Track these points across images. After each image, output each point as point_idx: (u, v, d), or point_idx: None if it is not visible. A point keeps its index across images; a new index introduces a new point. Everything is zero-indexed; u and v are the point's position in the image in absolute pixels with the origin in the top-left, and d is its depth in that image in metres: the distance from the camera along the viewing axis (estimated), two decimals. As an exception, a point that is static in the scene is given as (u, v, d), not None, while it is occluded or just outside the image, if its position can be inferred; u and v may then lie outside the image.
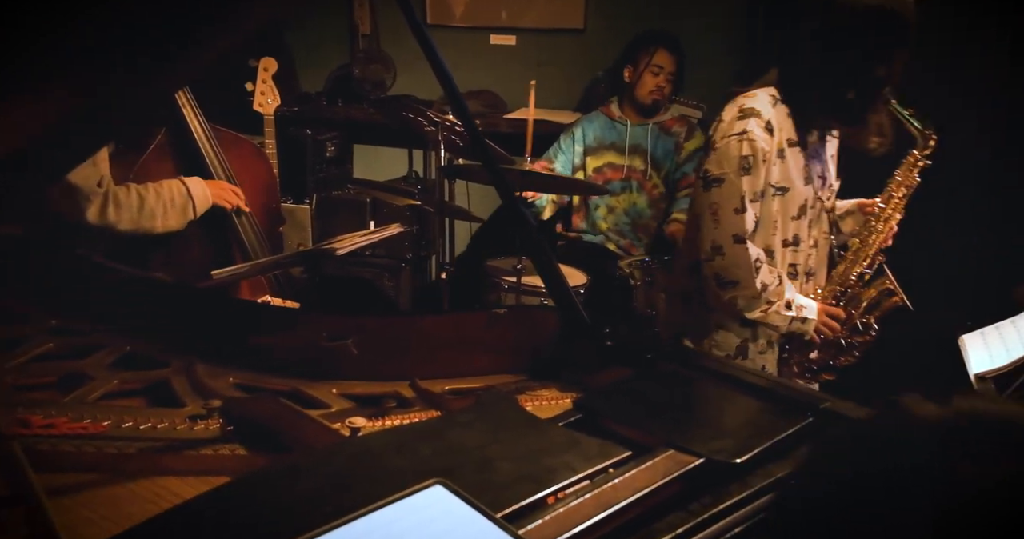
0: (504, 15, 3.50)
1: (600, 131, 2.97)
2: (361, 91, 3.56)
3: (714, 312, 1.82)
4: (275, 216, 2.31)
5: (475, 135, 1.29)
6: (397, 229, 1.85)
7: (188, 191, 1.92)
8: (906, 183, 1.80)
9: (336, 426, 1.12)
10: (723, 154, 1.67)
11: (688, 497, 0.97)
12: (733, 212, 1.68)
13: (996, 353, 1.67)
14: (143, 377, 1.31)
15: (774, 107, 1.69)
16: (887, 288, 1.82)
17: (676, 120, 2.94)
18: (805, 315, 1.76)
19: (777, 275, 1.76)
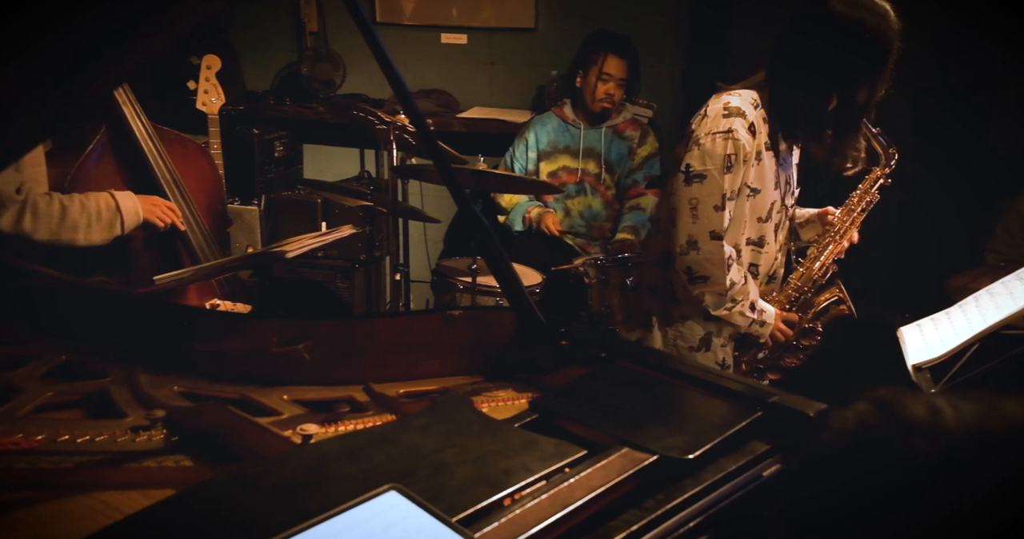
0: (455, 14, 3.48)
1: (554, 134, 2.98)
2: (310, 90, 3.50)
3: (680, 304, 1.84)
4: (222, 218, 2.25)
5: (426, 135, 1.27)
6: (349, 231, 1.81)
7: (117, 205, 1.84)
8: (866, 198, 1.85)
9: (287, 433, 1.09)
10: (708, 151, 1.67)
11: (643, 494, 0.98)
12: (713, 209, 1.69)
13: (932, 344, 1.74)
14: (80, 388, 1.26)
15: (756, 109, 1.71)
16: (837, 296, 1.88)
17: (629, 124, 2.96)
18: (764, 319, 1.81)
19: (744, 275, 1.79)
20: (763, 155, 1.73)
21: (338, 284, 3.15)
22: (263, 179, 3.28)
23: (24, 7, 0.73)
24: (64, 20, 0.75)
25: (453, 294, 2.61)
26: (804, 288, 1.90)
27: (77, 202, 1.78)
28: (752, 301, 1.78)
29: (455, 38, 3.50)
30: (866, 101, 1.66)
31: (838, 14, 1.59)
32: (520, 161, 3.00)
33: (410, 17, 3.54)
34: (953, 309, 1.83)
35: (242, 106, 3.44)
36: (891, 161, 1.82)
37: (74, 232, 1.77)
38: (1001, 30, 2.81)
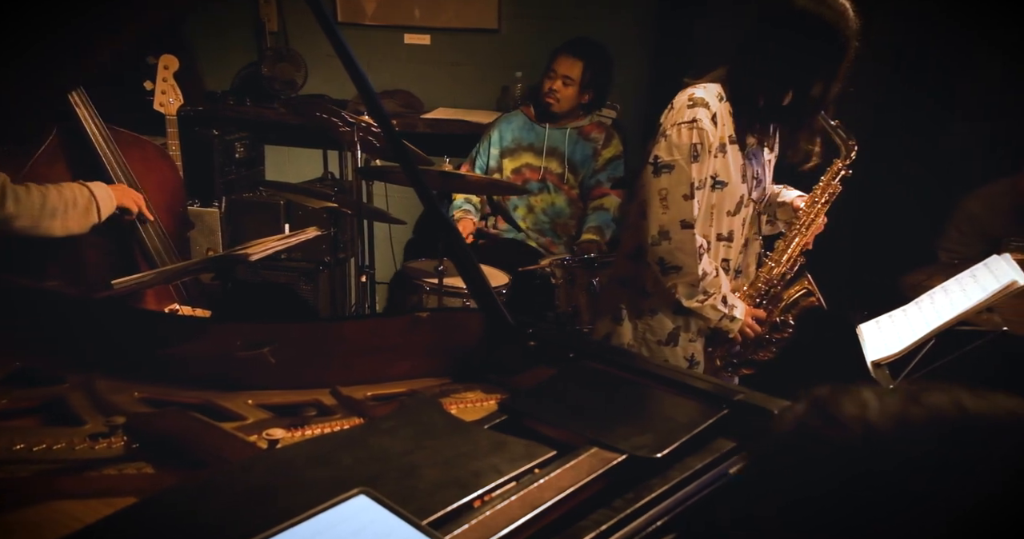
0: (417, 14, 3.46)
1: (519, 132, 2.99)
2: (271, 90, 3.45)
3: (650, 297, 1.85)
4: (182, 220, 2.20)
5: (392, 136, 1.26)
6: (314, 233, 1.79)
7: (91, 193, 1.80)
8: (829, 190, 1.89)
9: (252, 438, 1.08)
10: (674, 141, 1.69)
11: (612, 493, 0.99)
12: (682, 198, 1.71)
13: (890, 340, 1.79)
14: (36, 394, 1.22)
15: (720, 102, 1.73)
16: (806, 289, 1.92)
17: (594, 126, 2.98)
18: (735, 314, 1.83)
19: (715, 267, 1.81)
20: (727, 147, 1.75)
21: (302, 286, 3.11)
22: (223, 180, 3.22)
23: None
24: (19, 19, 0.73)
25: (420, 296, 2.60)
26: (773, 281, 1.92)
27: (53, 191, 1.74)
28: (724, 295, 1.80)
29: (418, 39, 3.49)
30: (821, 96, 1.70)
31: (799, 9, 1.62)
32: (483, 157, 3.01)
33: (372, 17, 3.51)
34: (909, 306, 1.89)
35: (201, 107, 3.38)
36: (851, 153, 1.85)
37: (52, 220, 1.72)
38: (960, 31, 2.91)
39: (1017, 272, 1.73)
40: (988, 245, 2.57)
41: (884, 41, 2.95)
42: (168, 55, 2.54)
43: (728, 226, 1.83)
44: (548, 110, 2.91)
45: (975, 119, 3.00)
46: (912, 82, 2.98)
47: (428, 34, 3.47)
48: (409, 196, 3.26)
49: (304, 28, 3.54)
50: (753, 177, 1.85)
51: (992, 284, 1.72)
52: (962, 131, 3.02)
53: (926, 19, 2.92)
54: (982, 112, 2.99)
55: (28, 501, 0.95)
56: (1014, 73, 2.91)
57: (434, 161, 2.57)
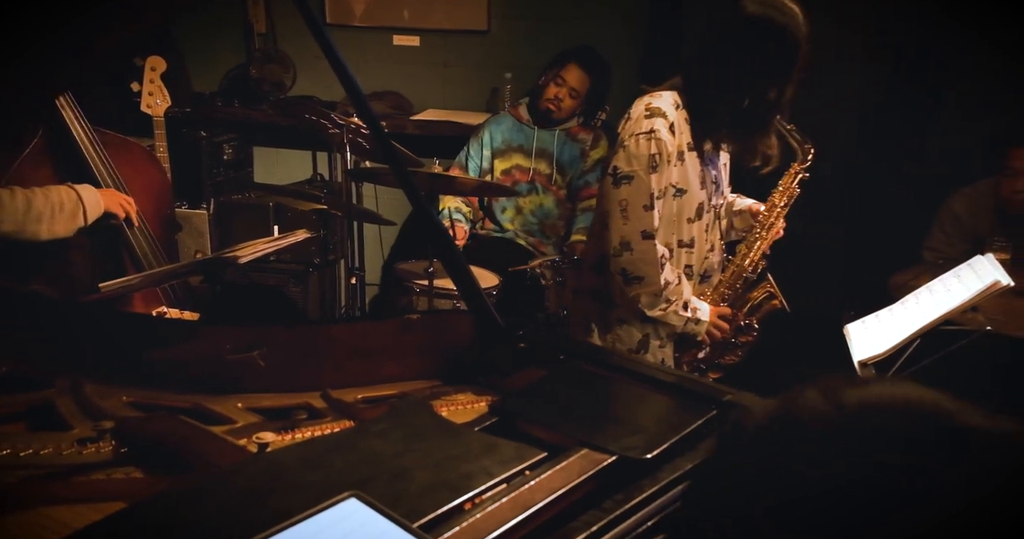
0: (406, 15, 3.46)
1: (508, 133, 2.99)
2: (259, 92, 3.44)
3: (617, 308, 1.86)
4: (170, 223, 2.19)
5: (381, 138, 1.26)
6: (304, 235, 1.78)
7: (79, 196, 1.78)
8: (787, 193, 1.91)
9: (242, 442, 1.07)
10: (632, 152, 1.70)
11: (602, 494, 0.99)
12: (643, 209, 1.72)
13: (876, 340, 1.80)
14: (23, 399, 1.21)
15: (677, 110, 1.74)
16: (768, 292, 1.94)
17: (582, 128, 2.99)
18: (699, 317, 1.84)
19: (677, 275, 1.82)
20: (686, 155, 1.76)
21: (291, 288, 3.10)
22: (212, 182, 3.20)
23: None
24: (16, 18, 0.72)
25: (410, 297, 2.60)
26: (735, 284, 1.94)
27: (39, 194, 1.72)
28: (685, 300, 1.81)
29: (407, 40, 3.49)
30: (776, 100, 1.71)
31: (749, 14, 1.64)
32: (475, 159, 3.01)
33: (360, 18, 3.51)
34: (895, 306, 1.91)
35: (189, 108, 3.36)
36: (808, 156, 1.87)
37: (38, 224, 1.71)
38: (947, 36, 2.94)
39: (999, 272, 1.75)
40: (972, 245, 2.60)
41: (876, 43, 2.98)
42: (155, 56, 2.53)
43: (689, 233, 1.85)
44: (548, 116, 2.92)
45: (959, 120, 3.03)
46: (898, 84, 3.01)
47: (417, 35, 3.47)
48: (399, 197, 3.26)
49: (293, 29, 3.53)
50: (712, 182, 1.87)
51: (976, 284, 1.74)
52: (947, 132, 3.05)
53: (912, 20, 2.95)
54: (965, 113, 3.02)
55: (15, 507, 0.94)
56: (998, 75, 2.95)
57: (424, 163, 2.57)
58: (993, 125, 2.87)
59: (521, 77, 3.25)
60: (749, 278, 1.94)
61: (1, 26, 0.70)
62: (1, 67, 0.73)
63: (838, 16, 2.87)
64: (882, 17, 2.94)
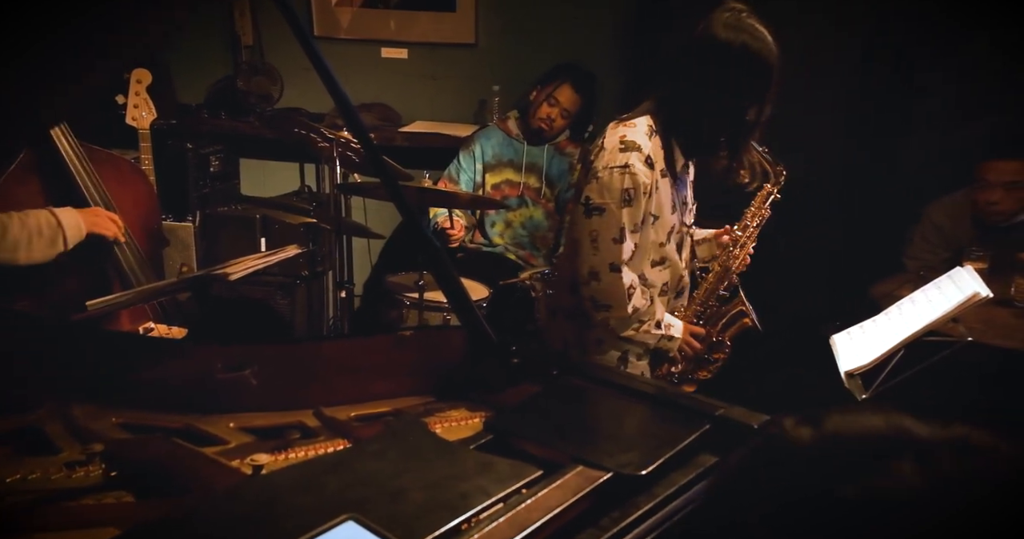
0: (393, 28, 3.47)
1: (498, 148, 3.00)
2: (247, 104, 3.42)
3: (594, 328, 1.87)
4: (157, 237, 2.17)
5: (372, 152, 1.26)
6: (295, 251, 1.77)
7: (58, 221, 1.76)
8: (760, 214, 1.94)
9: (236, 464, 1.06)
10: (605, 185, 1.70)
11: (599, 512, 1.00)
12: (612, 241, 1.73)
13: (862, 351, 1.82)
14: (9, 422, 1.19)
15: (650, 139, 1.75)
16: (740, 309, 1.96)
17: (570, 141, 3.01)
18: (672, 333, 1.86)
19: (649, 297, 1.84)
20: (660, 183, 1.77)
21: (279, 301, 3.07)
22: (198, 194, 3.18)
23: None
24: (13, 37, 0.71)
25: (400, 310, 2.59)
26: (708, 302, 1.97)
27: (16, 220, 1.69)
28: (657, 319, 1.83)
29: (396, 52, 3.49)
30: (755, 120, 1.73)
31: (722, 39, 1.65)
32: (468, 172, 3.01)
33: (347, 31, 3.51)
34: (879, 317, 1.93)
35: (174, 120, 3.34)
36: (780, 178, 1.90)
37: (15, 251, 1.68)
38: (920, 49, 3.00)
39: (979, 284, 1.78)
40: (952, 253, 2.64)
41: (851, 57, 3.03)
42: (141, 69, 2.51)
43: (662, 253, 1.87)
44: (540, 134, 2.93)
45: (938, 129, 3.08)
46: (878, 96, 3.06)
47: (405, 48, 3.48)
48: (388, 210, 3.25)
49: (280, 42, 3.52)
50: (682, 203, 1.89)
51: (956, 295, 1.77)
52: (925, 142, 3.10)
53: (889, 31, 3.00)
54: (942, 123, 3.07)
55: (3, 534, 0.93)
56: (974, 87, 3.00)
57: (413, 176, 2.57)
58: (968, 136, 2.93)
59: (509, 89, 3.26)
60: (722, 296, 1.97)
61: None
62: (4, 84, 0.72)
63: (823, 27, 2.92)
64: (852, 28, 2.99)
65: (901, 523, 0.45)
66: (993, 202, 2.56)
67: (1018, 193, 2.54)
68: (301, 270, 3.05)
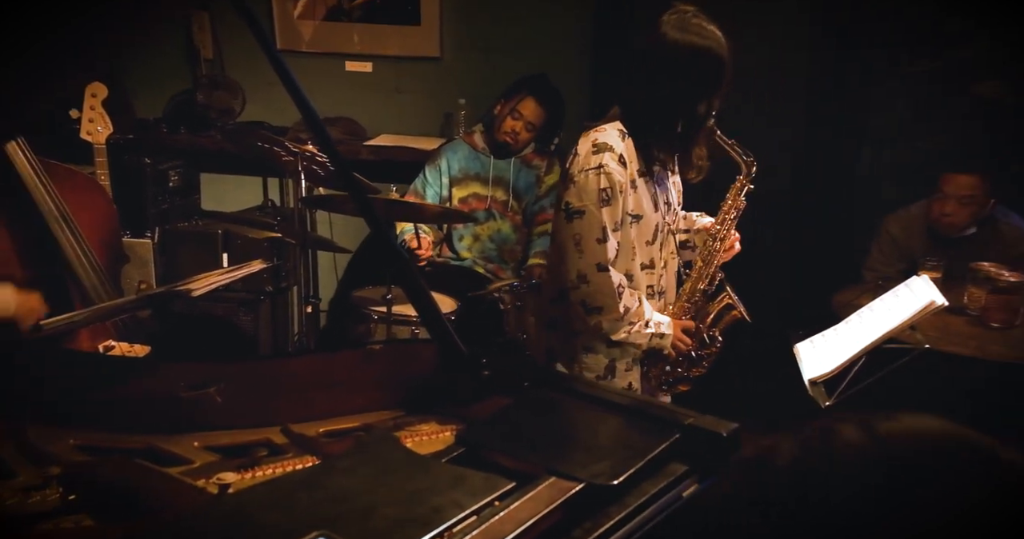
0: (357, 41, 3.47)
1: (464, 161, 3.00)
2: (207, 118, 3.37)
3: (580, 336, 1.88)
4: (117, 254, 2.11)
5: (340, 165, 1.26)
6: (260, 265, 1.74)
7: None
8: (735, 206, 1.98)
9: (201, 483, 1.04)
10: (582, 187, 1.75)
11: (571, 522, 1.00)
12: (595, 242, 1.76)
13: (825, 359, 1.87)
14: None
15: (623, 141, 1.80)
16: (728, 303, 1.99)
17: (536, 154, 3.03)
18: (663, 331, 1.88)
19: (637, 297, 1.86)
20: (638, 182, 1.82)
21: (241, 317, 3.02)
22: (156, 210, 3.11)
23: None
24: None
25: (367, 325, 2.57)
26: (694, 297, 1.98)
27: None
28: (647, 320, 1.85)
29: (360, 66, 3.49)
30: (705, 115, 1.79)
31: (670, 40, 1.72)
32: (434, 187, 3.00)
33: (310, 44, 3.50)
34: (840, 325, 1.98)
35: (131, 135, 3.27)
36: (751, 169, 1.94)
37: None
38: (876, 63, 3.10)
39: (935, 292, 1.84)
40: (907, 264, 2.73)
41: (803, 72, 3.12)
42: (96, 83, 2.46)
43: (649, 254, 1.90)
44: (506, 148, 2.94)
45: (892, 145, 3.19)
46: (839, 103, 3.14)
47: (370, 61, 3.48)
48: (354, 224, 3.23)
49: (241, 55, 3.49)
50: (664, 203, 1.92)
51: (913, 304, 1.83)
52: (882, 155, 3.20)
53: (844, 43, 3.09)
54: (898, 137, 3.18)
55: (-44, 563, 0.89)
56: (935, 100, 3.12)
57: (380, 189, 2.56)
58: (927, 150, 3.04)
59: (475, 103, 3.28)
60: (707, 290, 1.98)
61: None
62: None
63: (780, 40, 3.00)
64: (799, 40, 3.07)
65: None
66: (947, 213, 2.65)
67: (971, 207, 2.63)
68: (265, 286, 3.00)
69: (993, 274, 2.34)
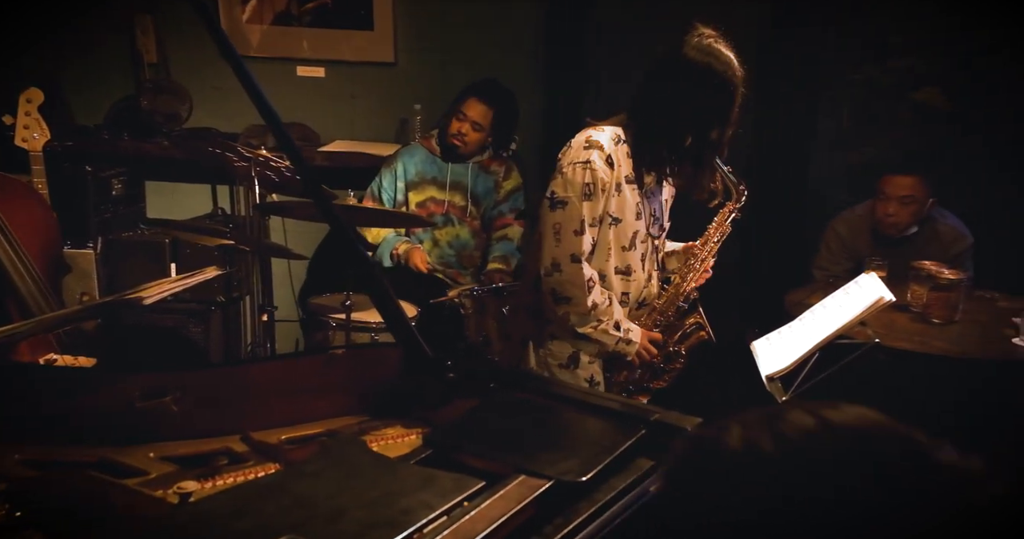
0: (306, 46, 3.42)
1: (421, 165, 2.98)
2: (153, 124, 3.27)
3: (550, 323, 1.92)
4: (57, 263, 2.03)
5: (304, 170, 1.23)
6: (214, 272, 1.68)
7: None
8: (720, 230, 2.03)
9: (160, 493, 1.00)
10: (569, 179, 1.79)
11: (542, 519, 1.00)
12: (573, 233, 1.80)
13: (780, 355, 1.91)
14: None
15: (616, 145, 1.83)
16: (697, 322, 2.03)
17: (494, 160, 3.03)
18: (631, 337, 1.91)
19: (608, 296, 1.89)
20: (623, 187, 1.85)
21: (191, 329, 2.92)
22: (99, 220, 3.00)
23: None
24: None
25: (326, 332, 2.52)
26: (668, 312, 2.03)
27: None
28: (617, 321, 1.88)
29: (312, 71, 3.44)
30: (719, 139, 1.84)
31: (691, 60, 1.76)
32: (388, 191, 2.98)
33: (259, 49, 3.43)
34: (794, 323, 2.03)
35: (71, 142, 3.15)
36: (741, 197, 2.01)
37: None
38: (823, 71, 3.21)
39: (883, 288, 1.91)
40: (854, 263, 2.82)
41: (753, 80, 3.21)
42: (32, 89, 2.37)
43: (625, 260, 1.92)
44: (456, 151, 2.93)
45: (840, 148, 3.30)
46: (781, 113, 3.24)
47: (322, 66, 3.43)
48: (308, 230, 3.17)
49: (187, 60, 3.40)
50: (651, 215, 1.96)
51: (863, 300, 1.89)
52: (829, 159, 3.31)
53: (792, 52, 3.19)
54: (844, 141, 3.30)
55: None
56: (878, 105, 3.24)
57: (337, 195, 2.52)
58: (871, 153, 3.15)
59: (431, 108, 3.26)
60: (681, 308, 2.03)
61: None
62: None
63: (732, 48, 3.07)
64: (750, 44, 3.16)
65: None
66: (890, 214, 2.76)
67: (911, 206, 2.74)
68: (216, 296, 2.92)
69: (933, 272, 2.43)
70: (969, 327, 2.39)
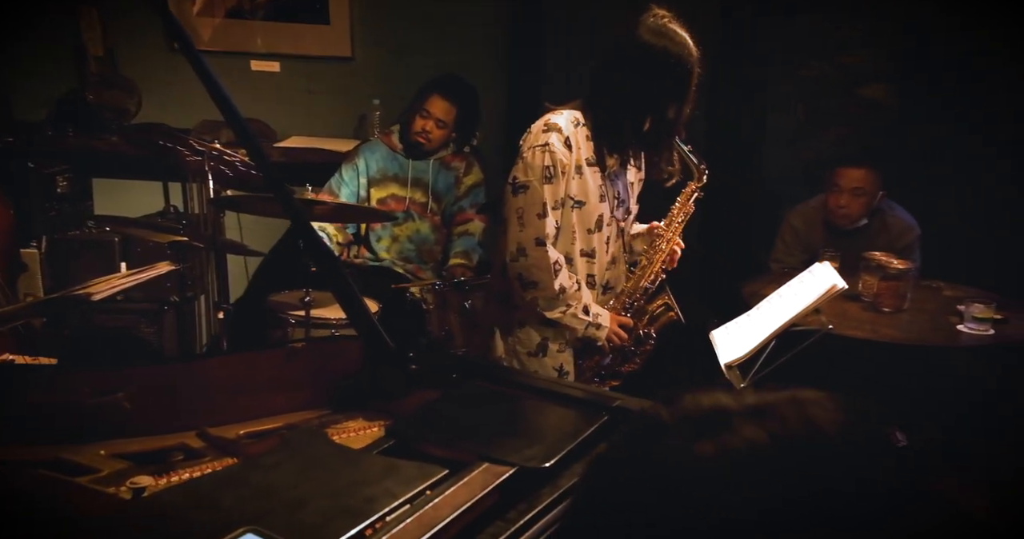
0: (260, 40, 3.35)
1: (382, 162, 2.95)
2: (100, 119, 3.17)
3: (519, 310, 1.91)
4: (15, 263, 1.94)
5: (264, 165, 1.21)
6: (168, 267, 1.64)
7: None
8: (684, 210, 2.04)
9: (112, 490, 0.97)
10: (528, 163, 1.80)
11: (506, 505, 1.00)
12: (536, 217, 1.81)
13: (738, 344, 1.95)
14: None
15: (576, 127, 1.84)
16: (665, 303, 2.05)
17: (455, 155, 3.01)
18: (600, 322, 1.91)
19: (576, 281, 1.89)
20: (584, 170, 1.86)
21: (143, 329, 2.84)
22: (44, 218, 2.90)
23: None
24: None
25: (284, 329, 2.48)
26: (636, 295, 2.03)
27: None
28: (586, 305, 1.89)
29: (267, 66, 3.37)
30: (675, 119, 1.86)
31: (645, 43, 1.77)
32: (350, 186, 2.94)
33: (211, 43, 3.35)
34: (751, 312, 2.07)
35: (11, 138, 3.03)
36: (703, 176, 2.02)
37: None
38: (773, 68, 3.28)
39: (836, 277, 1.96)
40: (808, 255, 2.90)
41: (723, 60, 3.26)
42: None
43: (590, 243, 1.93)
44: (420, 149, 2.91)
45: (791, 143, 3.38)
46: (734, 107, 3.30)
47: (277, 61, 3.37)
48: (264, 226, 3.11)
49: (134, 54, 3.31)
50: (615, 197, 1.96)
51: (817, 288, 1.93)
52: (780, 154, 3.39)
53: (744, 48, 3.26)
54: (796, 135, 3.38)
55: None
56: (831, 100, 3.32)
57: (296, 190, 2.48)
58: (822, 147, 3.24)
59: (389, 104, 3.23)
60: (649, 289, 2.04)
61: None
62: None
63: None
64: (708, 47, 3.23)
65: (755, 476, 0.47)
66: (842, 206, 2.83)
67: (863, 198, 2.82)
68: (170, 295, 2.85)
69: (883, 262, 2.51)
70: (917, 315, 2.47)
